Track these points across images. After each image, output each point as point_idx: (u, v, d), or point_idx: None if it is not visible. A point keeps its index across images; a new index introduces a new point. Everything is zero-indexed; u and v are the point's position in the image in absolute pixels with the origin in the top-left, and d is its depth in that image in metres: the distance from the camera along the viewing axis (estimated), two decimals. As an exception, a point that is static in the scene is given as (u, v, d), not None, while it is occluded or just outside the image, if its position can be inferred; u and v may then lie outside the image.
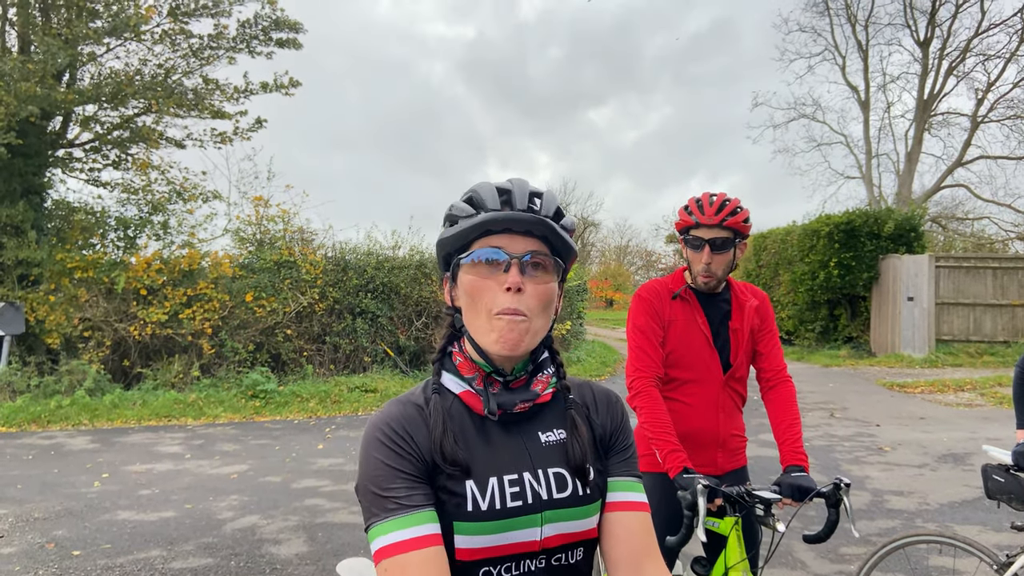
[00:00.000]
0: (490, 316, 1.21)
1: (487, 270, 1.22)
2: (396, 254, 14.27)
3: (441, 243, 1.30)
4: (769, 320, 2.78)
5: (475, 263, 1.24)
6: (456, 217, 1.27)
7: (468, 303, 1.25)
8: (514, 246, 1.22)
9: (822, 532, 2.27)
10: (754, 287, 2.85)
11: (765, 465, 7.27)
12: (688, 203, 2.65)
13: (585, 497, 1.24)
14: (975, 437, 8.67)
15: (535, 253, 1.23)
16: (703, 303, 2.71)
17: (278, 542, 5.25)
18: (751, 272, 21.87)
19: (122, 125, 12.96)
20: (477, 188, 1.28)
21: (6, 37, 12.16)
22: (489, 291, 1.22)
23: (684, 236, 2.65)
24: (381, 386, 12.18)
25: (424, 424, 1.20)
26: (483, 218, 1.22)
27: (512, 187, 1.26)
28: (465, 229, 1.23)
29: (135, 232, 12.97)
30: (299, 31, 13.18)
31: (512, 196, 1.24)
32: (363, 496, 1.17)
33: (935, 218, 29.66)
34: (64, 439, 9.04)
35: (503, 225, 1.22)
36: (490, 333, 1.21)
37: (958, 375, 14.03)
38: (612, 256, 58.82)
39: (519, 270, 1.21)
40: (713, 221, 2.56)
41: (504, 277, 1.21)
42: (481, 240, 1.24)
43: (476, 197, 1.26)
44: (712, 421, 2.66)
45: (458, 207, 1.28)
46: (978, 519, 5.62)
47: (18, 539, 5.33)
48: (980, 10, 26.64)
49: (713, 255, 2.59)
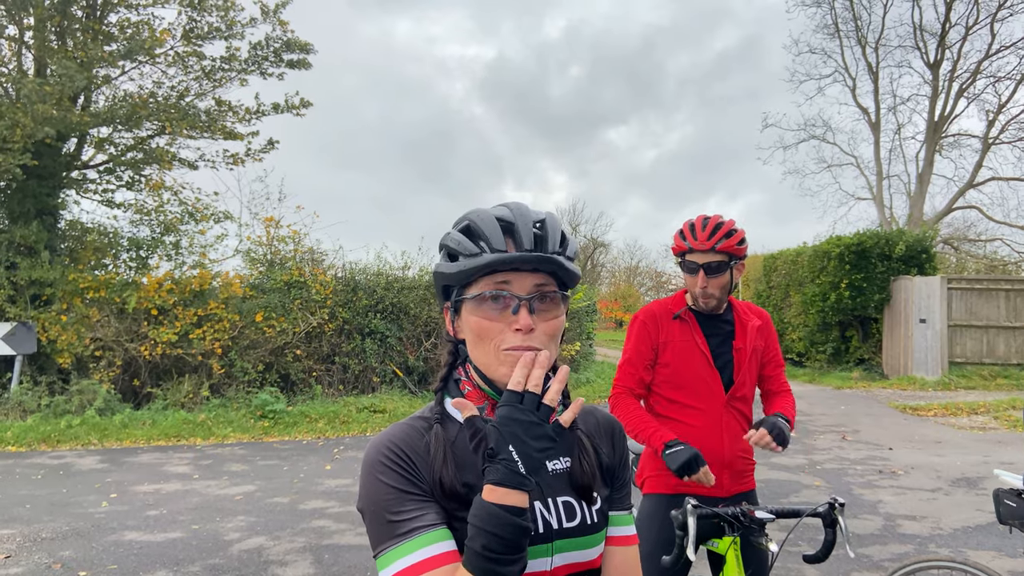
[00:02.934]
0: (499, 352, 1.17)
1: (494, 310, 1.18)
2: (406, 274, 14.29)
3: (439, 275, 1.25)
4: (772, 340, 2.80)
5: (480, 302, 1.19)
6: (456, 253, 1.21)
7: (474, 339, 1.20)
8: (521, 284, 1.18)
9: (820, 553, 2.27)
10: (755, 306, 2.86)
11: (776, 489, 7.21)
12: (682, 227, 2.67)
13: (593, 526, 1.23)
14: (989, 461, 8.57)
15: (542, 288, 1.19)
16: (703, 324, 2.72)
17: (284, 563, 5.22)
18: (761, 293, 21.78)
19: (136, 147, 13.11)
20: (475, 220, 1.21)
21: (23, 60, 12.34)
22: (497, 330, 1.18)
23: (680, 260, 2.67)
24: (390, 406, 12.16)
25: (427, 451, 1.17)
26: (487, 260, 1.16)
27: (514, 219, 1.19)
28: (467, 270, 1.18)
29: (147, 252, 13.06)
30: (309, 52, 13.33)
31: (516, 231, 1.18)
32: (371, 522, 1.13)
33: (947, 239, 29.52)
34: (73, 459, 9.05)
35: (510, 266, 1.17)
36: (500, 367, 1.17)
37: (971, 398, 13.90)
38: (622, 277, 58.70)
39: (528, 310, 1.16)
40: (706, 246, 2.58)
41: (512, 317, 1.17)
42: (486, 278, 1.19)
43: (476, 229, 1.20)
44: (716, 442, 2.65)
45: (456, 240, 1.21)
46: (992, 544, 5.54)
47: (25, 559, 5.33)
48: (990, 32, 26.65)
49: (708, 279, 2.61)
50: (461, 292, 1.23)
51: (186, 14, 12.53)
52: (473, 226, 1.21)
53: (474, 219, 1.21)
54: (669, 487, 2.66)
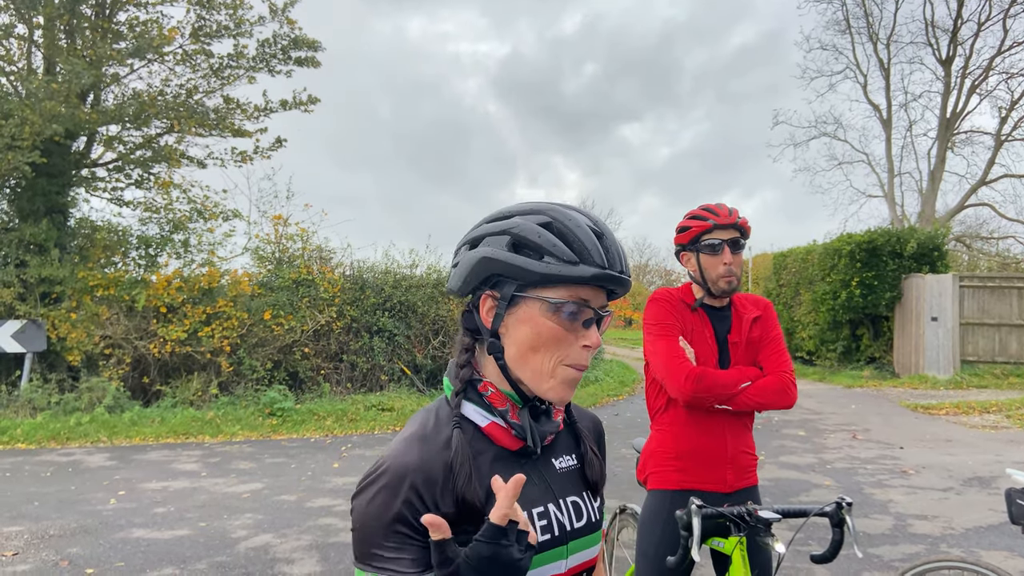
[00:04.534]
0: (557, 365, 1.13)
1: (569, 321, 1.13)
2: (414, 273, 14.30)
3: (502, 264, 1.13)
4: (771, 328, 2.73)
5: (559, 309, 1.12)
6: (541, 250, 1.12)
7: (533, 344, 1.13)
8: (597, 300, 1.15)
9: (827, 552, 2.24)
10: (756, 297, 2.81)
11: (786, 488, 7.16)
12: (697, 212, 2.65)
13: (597, 523, 1.23)
14: (1001, 460, 8.48)
15: (605, 308, 1.17)
16: (710, 316, 2.68)
17: (291, 561, 5.21)
18: (771, 291, 21.68)
19: (145, 145, 13.15)
20: (566, 223, 1.13)
21: (32, 58, 12.39)
22: (567, 343, 1.13)
23: (697, 244, 2.62)
24: (398, 405, 12.16)
25: (447, 470, 1.09)
26: (593, 274, 1.10)
27: (605, 231, 1.15)
28: (560, 275, 1.10)
29: (156, 250, 13.11)
30: (317, 49, 13.35)
31: (609, 247, 1.13)
32: (355, 530, 1.07)
33: (959, 237, 29.31)
34: (82, 456, 9.08)
35: (605, 285, 1.14)
36: (549, 379, 1.13)
37: (983, 397, 13.78)
38: (631, 275, 58.68)
39: (597, 327, 1.15)
40: (730, 220, 2.58)
41: (583, 332, 1.14)
42: (569, 287, 1.12)
43: (568, 234, 1.12)
44: (719, 437, 2.62)
45: (545, 238, 1.12)
46: (1004, 545, 5.48)
47: (33, 556, 5.34)
48: (1002, 28, 26.44)
49: (733, 255, 2.59)
50: (527, 289, 1.14)
51: (195, 12, 12.55)
52: (563, 228, 1.13)
53: (562, 220, 1.14)
54: (673, 483, 2.64)
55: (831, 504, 2.25)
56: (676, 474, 2.63)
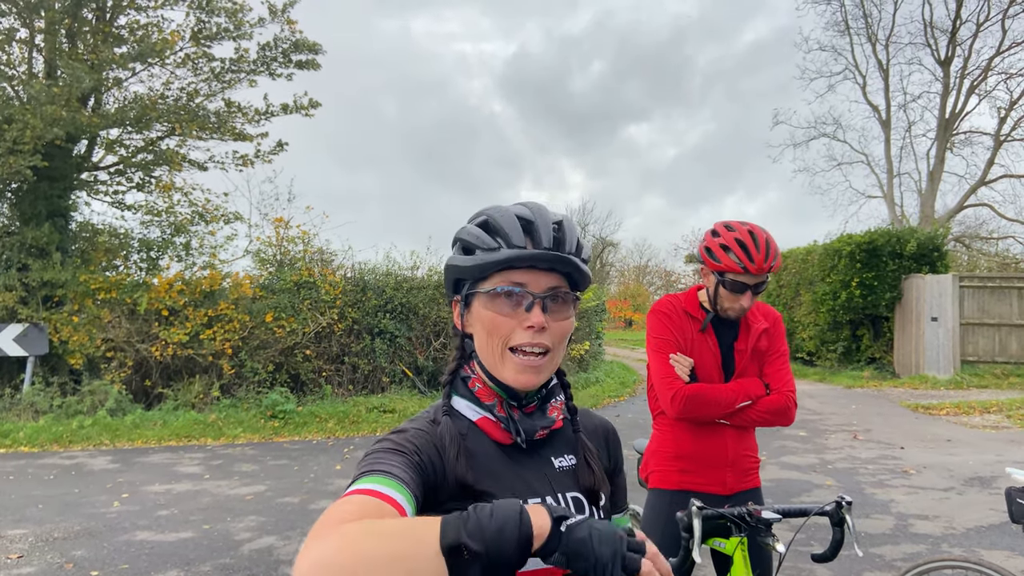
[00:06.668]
0: (505, 349, 1.19)
1: (507, 306, 1.19)
2: (415, 274, 14.30)
3: (453, 268, 1.25)
4: (778, 343, 2.72)
5: (494, 297, 1.19)
6: (473, 246, 1.21)
7: (483, 334, 1.22)
8: (537, 283, 1.19)
9: (828, 552, 2.26)
10: (766, 307, 2.79)
11: (787, 488, 7.18)
12: (726, 241, 2.48)
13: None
14: (1002, 460, 8.50)
15: (556, 289, 1.20)
16: (715, 326, 2.69)
17: (295, 563, 5.22)
18: (771, 292, 21.68)
19: (146, 148, 13.16)
20: (495, 215, 1.21)
21: (33, 62, 12.41)
22: (509, 327, 1.19)
23: (722, 277, 2.49)
24: (400, 406, 12.18)
25: (436, 448, 1.16)
26: (506, 255, 1.16)
27: (534, 217, 1.20)
28: (485, 263, 1.18)
29: (158, 254, 13.14)
30: (318, 52, 13.34)
31: (536, 230, 1.19)
32: (357, 467, 1.10)
33: (958, 237, 29.32)
34: (85, 459, 9.10)
35: (527, 263, 1.18)
36: (502, 366, 1.19)
37: (984, 396, 13.80)
38: (631, 276, 58.67)
39: (541, 308, 1.17)
40: (763, 270, 2.45)
41: (525, 315, 1.18)
42: (501, 274, 1.19)
43: (494, 225, 1.20)
44: (720, 441, 2.64)
45: (474, 234, 1.21)
46: (1005, 544, 5.50)
47: (37, 559, 5.36)
48: (1001, 29, 26.48)
49: (753, 298, 2.54)
50: (474, 286, 1.23)
51: (195, 15, 12.57)
52: (492, 221, 1.21)
53: (493, 215, 1.22)
54: (673, 483, 2.66)
55: (831, 503, 2.26)
56: (677, 474, 2.66)
